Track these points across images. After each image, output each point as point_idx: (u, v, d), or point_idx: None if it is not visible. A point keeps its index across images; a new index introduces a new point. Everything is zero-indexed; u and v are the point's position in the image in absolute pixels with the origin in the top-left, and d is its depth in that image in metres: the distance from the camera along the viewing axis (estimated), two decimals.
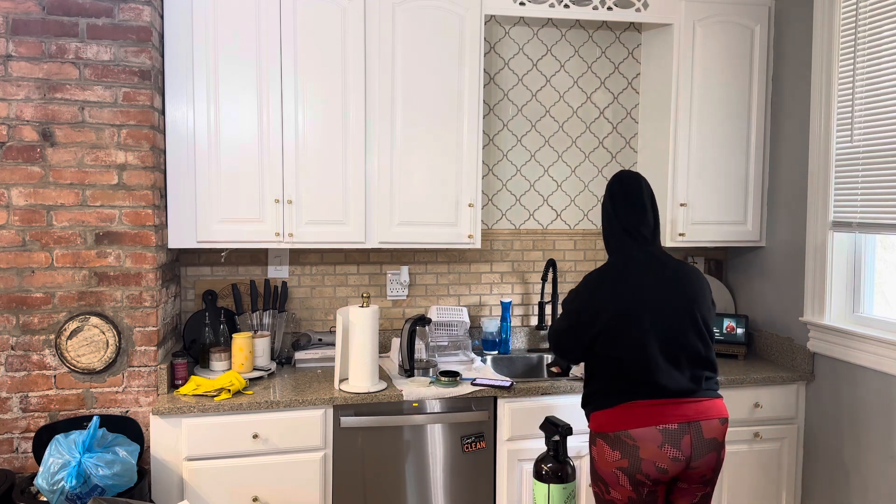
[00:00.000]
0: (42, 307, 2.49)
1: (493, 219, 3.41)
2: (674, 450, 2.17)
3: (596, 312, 2.25)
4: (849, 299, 2.92)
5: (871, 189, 2.73)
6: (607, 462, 2.23)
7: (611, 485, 2.23)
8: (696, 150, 3.18)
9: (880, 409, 2.69)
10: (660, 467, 2.17)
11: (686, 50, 3.13)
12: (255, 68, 2.77)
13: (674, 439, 2.17)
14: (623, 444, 2.19)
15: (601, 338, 2.25)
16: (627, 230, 2.34)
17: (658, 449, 2.17)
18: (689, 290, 2.29)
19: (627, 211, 2.36)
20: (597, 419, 2.27)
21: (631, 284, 2.26)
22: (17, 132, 2.44)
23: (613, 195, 2.39)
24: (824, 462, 2.98)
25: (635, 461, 2.18)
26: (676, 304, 2.26)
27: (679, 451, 2.18)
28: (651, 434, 2.17)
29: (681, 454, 2.18)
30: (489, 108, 3.36)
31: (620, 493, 2.22)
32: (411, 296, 3.34)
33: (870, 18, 2.74)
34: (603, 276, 2.32)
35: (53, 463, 2.23)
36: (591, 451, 2.31)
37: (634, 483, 2.19)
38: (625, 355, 2.22)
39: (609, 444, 2.22)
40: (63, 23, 2.45)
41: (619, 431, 2.20)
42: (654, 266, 2.30)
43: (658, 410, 2.19)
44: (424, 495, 2.74)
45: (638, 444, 2.17)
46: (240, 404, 2.54)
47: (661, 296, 2.26)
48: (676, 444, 2.17)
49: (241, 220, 2.80)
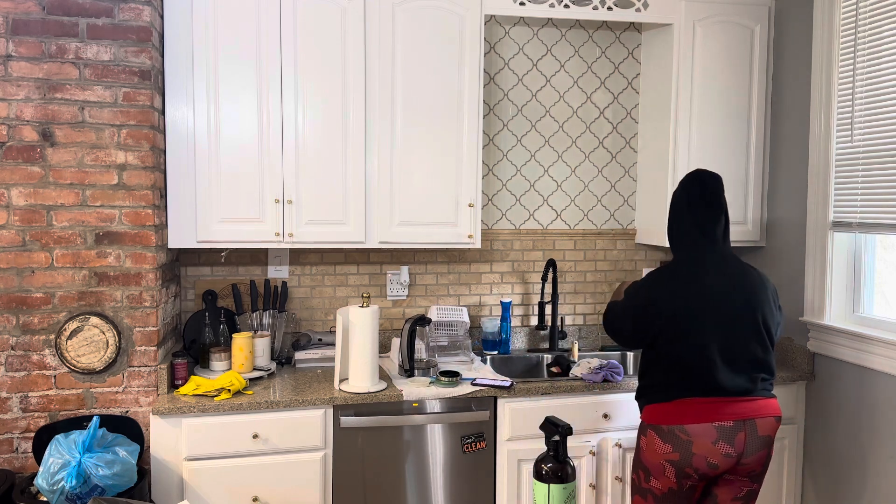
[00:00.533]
0: (42, 307, 2.49)
1: (493, 219, 3.41)
2: (727, 446, 2.21)
3: (659, 309, 2.29)
4: (849, 299, 2.92)
5: (871, 189, 2.73)
6: (656, 453, 2.27)
7: (654, 475, 2.27)
8: (696, 150, 3.18)
9: (880, 409, 2.69)
10: (711, 463, 2.21)
11: (686, 50, 3.13)
12: (255, 68, 2.77)
13: (728, 436, 2.21)
14: (676, 438, 2.23)
15: (662, 334, 2.29)
16: (700, 228, 2.35)
17: (712, 445, 2.21)
18: (754, 295, 2.30)
19: (703, 210, 2.36)
20: (651, 412, 2.31)
21: (697, 285, 2.28)
22: (17, 132, 2.44)
23: (690, 193, 2.38)
24: (824, 462, 2.98)
25: (687, 455, 2.22)
26: (740, 307, 2.27)
27: (732, 448, 2.22)
28: (706, 430, 2.21)
29: (733, 451, 2.22)
30: (489, 108, 3.36)
31: (662, 483, 2.26)
32: (411, 296, 3.34)
33: (870, 18, 2.74)
34: (671, 273, 2.34)
35: (53, 463, 2.23)
36: (640, 441, 2.35)
37: (680, 476, 2.24)
38: (684, 354, 2.26)
39: (661, 437, 2.26)
40: (63, 23, 2.45)
41: (673, 426, 2.24)
42: (722, 267, 2.32)
43: (714, 407, 2.23)
44: (424, 495, 2.74)
45: (692, 439, 2.21)
46: (240, 404, 2.54)
47: (726, 298, 2.27)
48: (730, 440, 2.21)
49: (241, 220, 2.80)
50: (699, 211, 2.36)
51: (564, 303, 3.50)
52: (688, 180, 2.42)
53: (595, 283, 3.52)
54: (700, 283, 2.28)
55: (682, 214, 2.39)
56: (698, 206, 2.36)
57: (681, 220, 2.39)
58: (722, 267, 2.32)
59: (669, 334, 2.27)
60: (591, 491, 2.84)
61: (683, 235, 2.39)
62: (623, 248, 3.54)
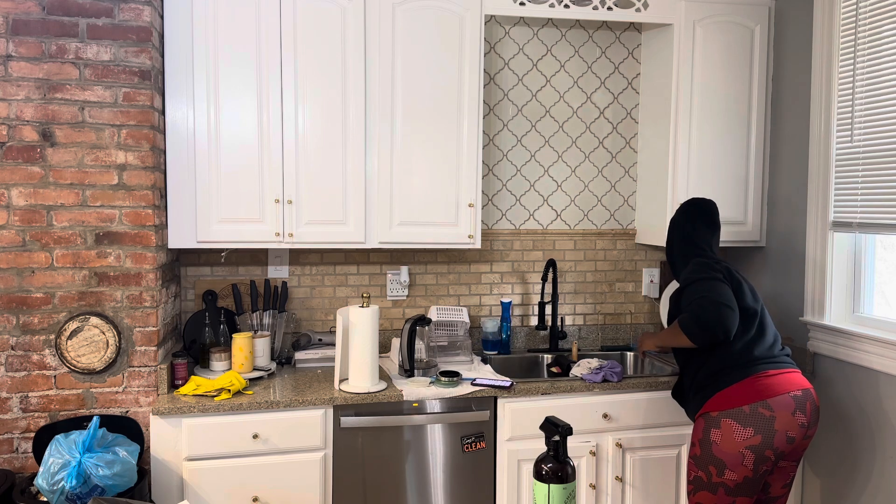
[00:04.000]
0: (42, 307, 2.49)
1: (493, 219, 3.41)
2: (802, 416, 2.29)
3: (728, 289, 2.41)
4: (849, 299, 2.92)
5: (871, 189, 2.73)
6: (735, 442, 2.29)
7: (730, 466, 2.30)
8: (696, 150, 3.18)
9: (880, 409, 2.70)
10: (790, 436, 2.28)
11: (686, 50, 3.13)
12: (255, 68, 2.77)
13: (801, 405, 2.30)
14: (759, 416, 2.27)
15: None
16: (701, 246, 2.59)
17: (791, 416, 2.28)
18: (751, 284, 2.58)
19: (705, 230, 2.63)
20: (725, 397, 2.34)
21: (722, 269, 2.47)
22: (18, 132, 2.44)
23: (692, 215, 2.66)
24: (824, 462, 2.98)
25: (769, 434, 2.26)
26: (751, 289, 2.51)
27: (805, 417, 2.30)
28: (786, 402, 2.28)
29: (806, 420, 2.30)
30: (489, 108, 3.36)
31: (738, 474, 2.30)
32: (411, 296, 3.34)
33: (870, 18, 2.74)
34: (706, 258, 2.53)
35: (53, 463, 2.23)
36: (710, 435, 2.35)
37: (759, 461, 2.28)
38: (747, 329, 2.39)
39: (741, 422, 2.29)
40: (63, 23, 2.46)
41: (755, 403, 2.28)
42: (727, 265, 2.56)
43: (784, 378, 2.33)
44: (424, 495, 2.74)
45: (775, 413, 2.27)
46: (240, 404, 2.54)
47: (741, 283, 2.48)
48: (804, 409, 2.30)
49: (241, 220, 2.80)
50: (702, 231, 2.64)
51: (564, 303, 3.50)
52: (688, 208, 2.69)
53: (595, 284, 3.52)
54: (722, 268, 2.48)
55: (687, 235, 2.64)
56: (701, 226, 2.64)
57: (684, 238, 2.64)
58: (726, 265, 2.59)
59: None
60: (591, 491, 2.84)
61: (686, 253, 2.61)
62: (623, 248, 3.54)
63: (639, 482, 2.88)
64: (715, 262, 2.50)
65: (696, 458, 2.38)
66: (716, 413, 2.33)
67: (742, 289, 2.46)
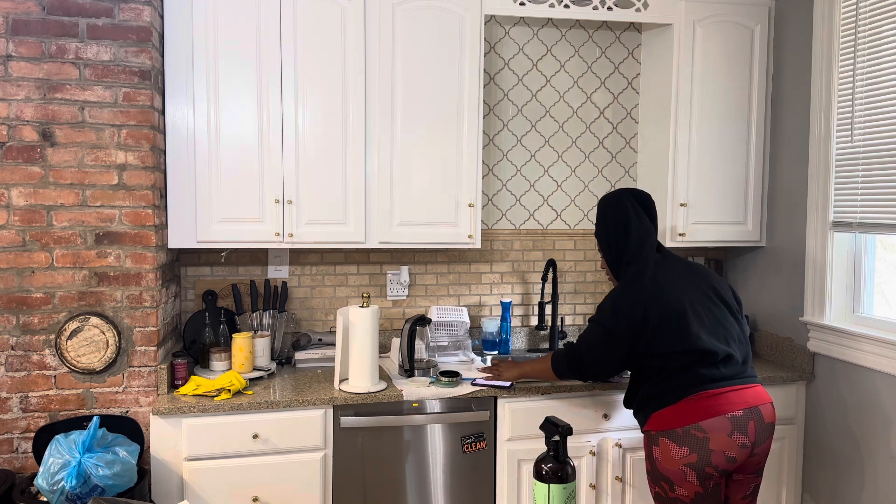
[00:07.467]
0: (42, 307, 2.49)
1: (494, 219, 3.41)
2: (742, 437, 2.22)
3: (645, 316, 2.31)
4: (849, 299, 2.92)
5: (871, 189, 2.73)
6: (673, 460, 2.26)
7: (677, 482, 2.26)
8: (696, 150, 3.18)
9: (880, 409, 2.70)
10: (729, 456, 2.22)
11: (686, 50, 3.13)
12: (254, 68, 2.77)
13: (741, 426, 2.23)
14: (692, 438, 2.23)
15: (653, 339, 2.30)
16: (643, 241, 2.47)
17: (728, 438, 2.21)
18: (707, 278, 2.44)
19: (642, 223, 2.50)
20: (660, 418, 2.30)
21: (667, 282, 2.36)
22: (18, 132, 2.44)
23: (625, 212, 2.49)
24: (824, 462, 2.98)
25: (705, 454, 2.21)
26: (705, 291, 2.39)
27: (746, 438, 2.23)
28: (721, 423, 2.22)
29: (748, 440, 2.23)
30: (489, 108, 3.36)
31: (687, 490, 2.26)
32: (411, 296, 3.34)
33: (870, 18, 2.74)
34: (637, 282, 2.39)
35: (53, 463, 2.23)
36: (653, 452, 2.33)
37: (702, 477, 2.23)
38: (680, 349, 2.28)
39: (676, 442, 2.25)
40: (63, 23, 2.45)
41: (688, 426, 2.24)
42: (675, 264, 2.46)
43: (723, 399, 2.25)
44: (424, 495, 2.74)
45: (709, 435, 2.21)
46: (240, 404, 2.54)
47: (692, 287, 2.38)
48: (744, 430, 2.23)
49: (241, 221, 2.80)
50: (638, 225, 2.49)
51: (564, 303, 3.50)
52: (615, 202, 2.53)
53: (595, 283, 3.52)
54: (666, 280, 2.37)
55: (623, 233, 2.49)
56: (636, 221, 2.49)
57: (622, 237, 2.49)
58: (674, 263, 2.46)
59: (659, 336, 2.30)
60: (591, 491, 2.84)
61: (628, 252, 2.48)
62: None
63: (639, 482, 2.88)
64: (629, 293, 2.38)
65: (650, 474, 2.37)
66: (654, 432, 2.32)
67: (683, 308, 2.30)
